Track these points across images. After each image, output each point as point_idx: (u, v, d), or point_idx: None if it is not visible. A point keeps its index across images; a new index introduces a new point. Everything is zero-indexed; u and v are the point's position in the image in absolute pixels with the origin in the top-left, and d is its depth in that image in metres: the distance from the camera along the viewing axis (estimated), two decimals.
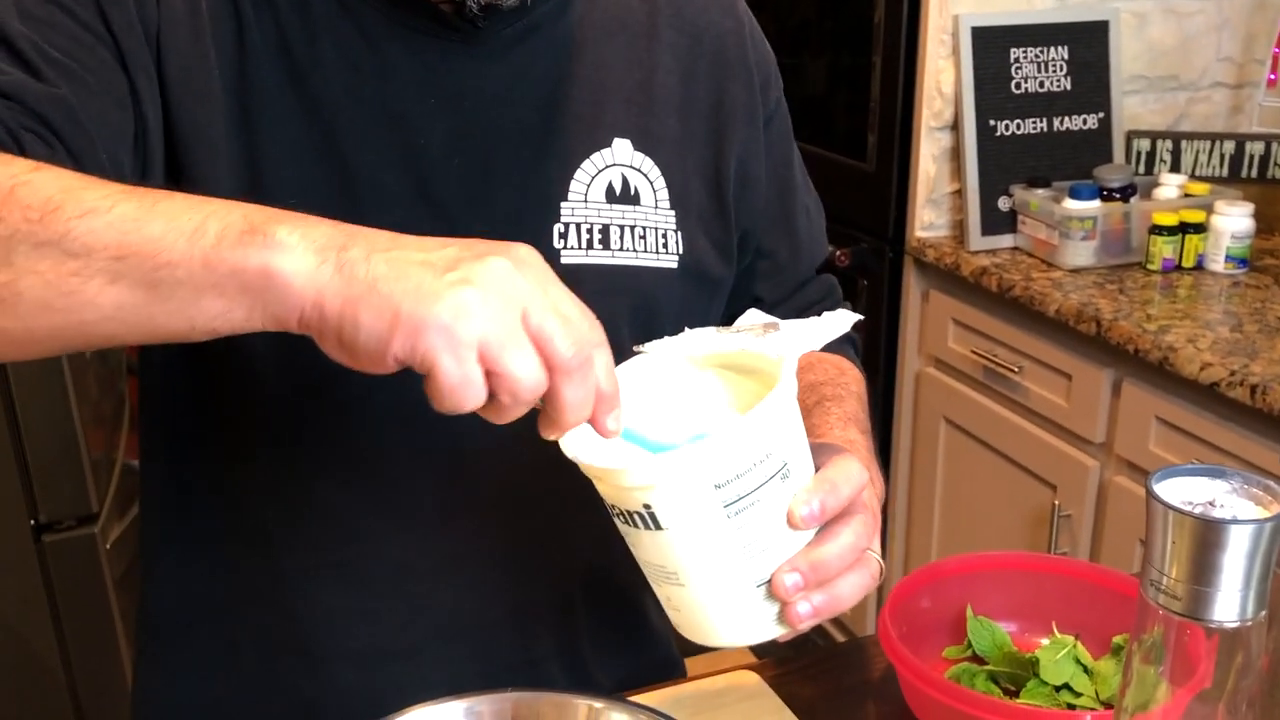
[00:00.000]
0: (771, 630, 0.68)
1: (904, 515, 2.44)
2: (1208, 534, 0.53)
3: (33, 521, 1.73)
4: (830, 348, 0.99)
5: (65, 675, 1.82)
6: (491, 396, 0.56)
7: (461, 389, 0.55)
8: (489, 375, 0.55)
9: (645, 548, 0.66)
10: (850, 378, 0.97)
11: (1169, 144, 2.26)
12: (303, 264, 0.55)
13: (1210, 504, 0.55)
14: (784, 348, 0.68)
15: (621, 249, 0.85)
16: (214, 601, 0.87)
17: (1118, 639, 0.87)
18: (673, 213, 0.88)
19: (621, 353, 0.87)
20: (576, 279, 0.84)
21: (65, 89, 0.68)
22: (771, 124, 0.96)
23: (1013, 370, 2.04)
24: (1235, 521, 0.52)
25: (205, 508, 0.85)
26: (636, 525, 0.64)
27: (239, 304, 0.56)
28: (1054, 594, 0.91)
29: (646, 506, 0.63)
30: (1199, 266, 2.04)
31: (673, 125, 0.89)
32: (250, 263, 0.55)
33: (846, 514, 0.68)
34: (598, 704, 0.72)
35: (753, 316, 0.74)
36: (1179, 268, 2.04)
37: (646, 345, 0.71)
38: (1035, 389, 2.01)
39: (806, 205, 1.02)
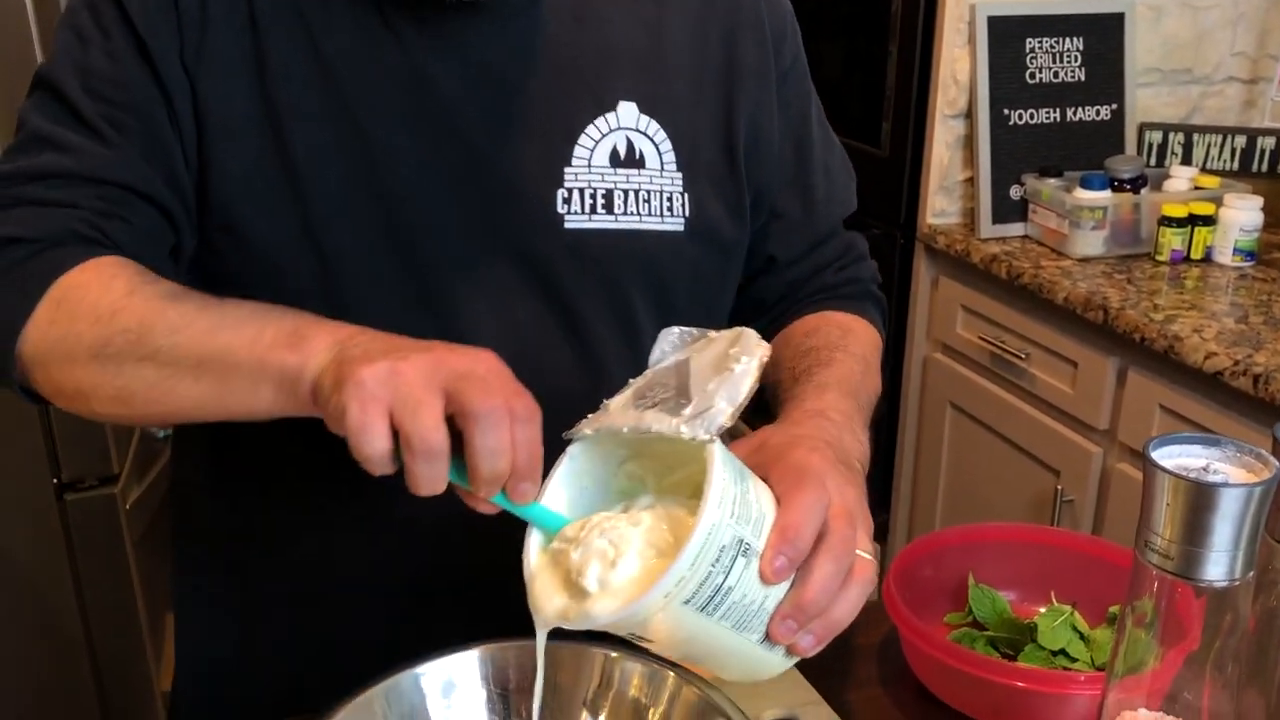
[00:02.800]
0: (786, 663, 0.70)
1: (908, 499, 2.47)
2: (1201, 497, 0.56)
3: (55, 480, 1.77)
4: (848, 307, 0.99)
5: (83, 629, 1.86)
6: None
7: (359, 433, 0.62)
8: (399, 435, 0.62)
9: (651, 648, 0.68)
10: (853, 339, 0.93)
11: (1181, 137, 2.28)
12: (321, 357, 0.67)
13: (1204, 469, 0.58)
14: (704, 428, 0.63)
15: (625, 213, 0.86)
16: (241, 545, 0.91)
17: (1114, 609, 0.89)
18: (680, 175, 0.89)
19: (637, 330, 0.88)
20: (580, 244, 0.87)
21: (125, 145, 0.79)
22: (786, 82, 0.96)
23: (1019, 357, 2.06)
24: (1227, 485, 0.55)
25: (242, 453, 0.88)
26: (632, 641, 0.67)
27: (282, 391, 0.69)
28: (1053, 565, 0.94)
29: (631, 633, 0.66)
30: (1207, 258, 2.06)
31: (682, 87, 0.89)
32: (289, 363, 0.68)
33: (818, 541, 0.66)
34: (614, 653, 0.76)
35: (666, 340, 0.72)
36: (1187, 259, 2.06)
37: (573, 431, 0.69)
38: (1041, 375, 2.04)
39: (826, 163, 1.00)
